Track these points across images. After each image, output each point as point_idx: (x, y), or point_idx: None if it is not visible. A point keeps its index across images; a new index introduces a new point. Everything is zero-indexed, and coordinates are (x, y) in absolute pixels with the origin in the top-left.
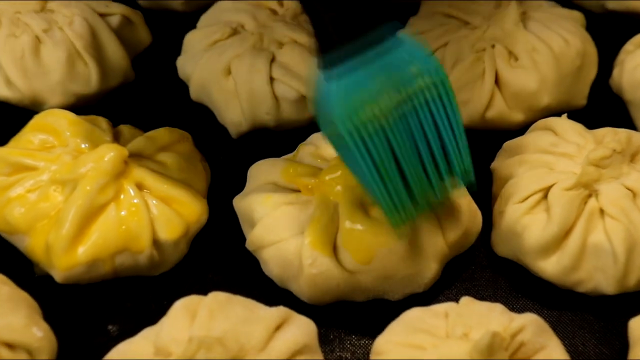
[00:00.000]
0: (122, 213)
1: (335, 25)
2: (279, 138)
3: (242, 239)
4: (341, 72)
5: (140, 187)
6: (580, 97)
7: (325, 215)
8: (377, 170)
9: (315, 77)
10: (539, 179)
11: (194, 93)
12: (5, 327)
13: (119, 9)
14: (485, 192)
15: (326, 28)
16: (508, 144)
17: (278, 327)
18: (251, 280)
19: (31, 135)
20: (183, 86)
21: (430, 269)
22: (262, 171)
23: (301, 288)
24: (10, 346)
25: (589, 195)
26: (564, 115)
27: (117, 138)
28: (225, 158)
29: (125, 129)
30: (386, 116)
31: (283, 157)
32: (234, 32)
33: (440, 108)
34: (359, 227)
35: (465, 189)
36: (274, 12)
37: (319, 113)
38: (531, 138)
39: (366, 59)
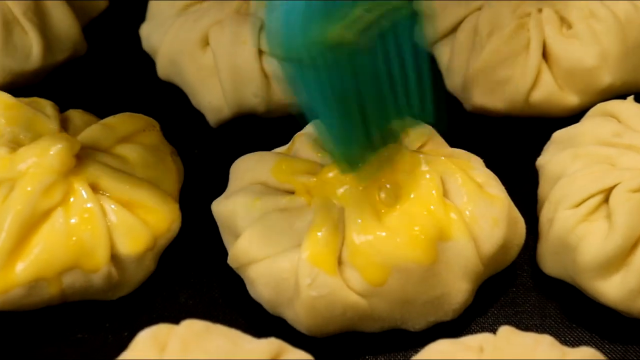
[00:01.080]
0: (72, 221)
1: None
2: (269, 126)
3: (224, 253)
4: None
5: (95, 188)
6: None
7: (328, 224)
8: (336, 105)
9: None
10: (598, 178)
11: (163, 70)
12: None
13: None
14: (530, 194)
15: None
16: (559, 134)
17: None
18: (235, 305)
19: None
20: (148, 61)
21: (460, 292)
22: (248, 168)
23: (298, 315)
24: None
25: None
26: (630, 98)
27: (65, 126)
28: (201, 152)
29: (75, 114)
30: (355, 39)
31: (274, 150)
32: None
33: (406, 33)
34: (370, 238)
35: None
36: None
37: (272, 20)
38: (588, 126)
39: None
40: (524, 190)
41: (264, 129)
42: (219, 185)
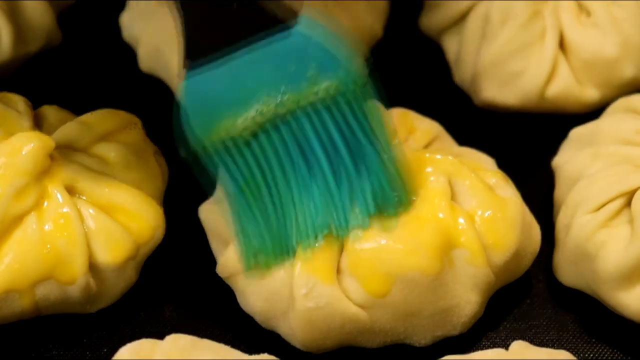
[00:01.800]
0: (47, 227)
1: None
2: None
3: (212, 261)
4: (203, 65)
5: (71, 191)
6: None
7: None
8: (242, 198)
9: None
10: (620, 179)
11: (145, 62)
12: None
13: None
14: (546, 197)
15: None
16: (577, 131)
17: None
18: (224, 318)
19: None
20: (129, 52)
21: (469, 304)
22: None
23: (293, 328)
24: None
25: None
26: None
27: (38, 123)
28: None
29: (50, 111)
30: (256, 131)
31: None
32: None
33: (353, 122)
34: (371, 245)
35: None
36: None
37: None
38: (609, 123)
39: (243, 50)
40: (539, 193)
41: None
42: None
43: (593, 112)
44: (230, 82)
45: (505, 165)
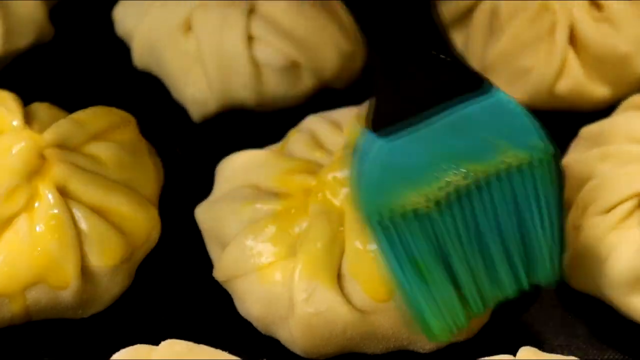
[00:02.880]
0: (37, 229)
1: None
2: (260, 122)
3: (208, 265)
4: (389, 131)
5: (63, 191)
6: None
7: (327, 231)
8: (415, 270)
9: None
10: (632, 179)
11: (139, 58)
12: None
13: None
14: None
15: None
16: (587, 129)
17: None
18: (221, 323)
19: None
20: (123, 48)
21: None
22: (237, 168)
23: (292, 334)
24: None
25: None
26: None
27: (29, 121)
28: (184, 150)
29: (41, 108)
30: (438, 202)
31: (266, 148)
32: None
33: (532, 193)
34: (374, 247)
35: None
36: None
37: (356, 174)
38: (621, 121)
39: (430, 115)
40: None
41: (254, 124)
42: (204, 188)
43: (604, 110)
44: (421, 150)
45: None
